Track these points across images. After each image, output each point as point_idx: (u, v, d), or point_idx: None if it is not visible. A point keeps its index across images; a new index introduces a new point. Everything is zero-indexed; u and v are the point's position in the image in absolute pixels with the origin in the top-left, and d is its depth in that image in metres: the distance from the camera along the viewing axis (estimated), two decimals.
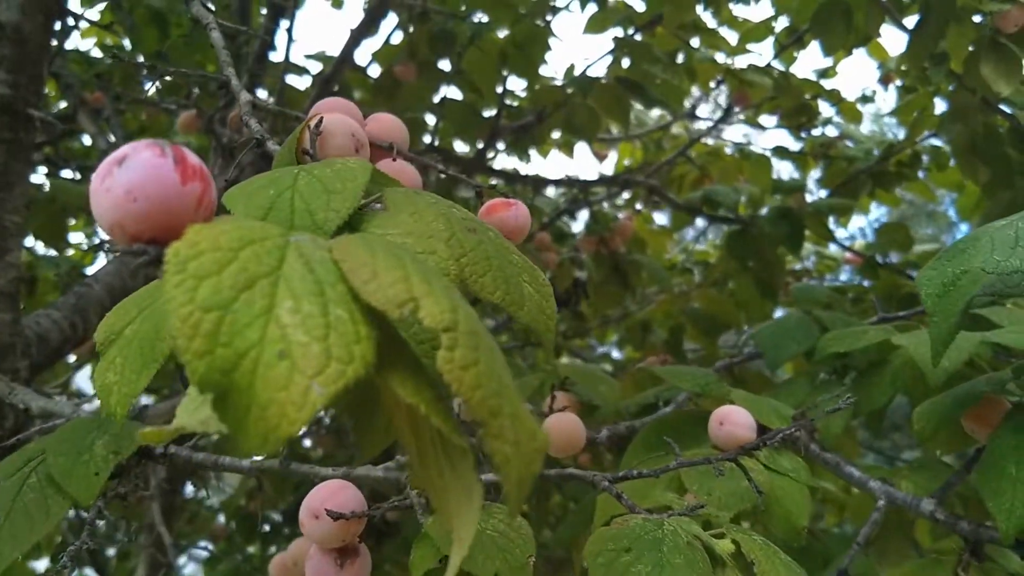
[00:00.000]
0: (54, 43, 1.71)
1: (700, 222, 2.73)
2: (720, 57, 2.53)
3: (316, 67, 2.51)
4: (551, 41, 2.15)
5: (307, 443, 2.92)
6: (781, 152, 2.54)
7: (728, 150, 2.84)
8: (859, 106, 2.70)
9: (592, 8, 2.22)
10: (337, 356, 0.40)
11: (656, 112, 3.26)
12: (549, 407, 1.19)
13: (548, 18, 2.15)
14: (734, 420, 1.03)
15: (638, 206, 2.74)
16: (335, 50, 2.39)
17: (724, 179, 2.55)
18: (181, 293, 0.39)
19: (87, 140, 2.84)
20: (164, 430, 0.44)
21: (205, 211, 0.43)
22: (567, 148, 2.88)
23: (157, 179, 0.42)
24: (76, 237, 2.84)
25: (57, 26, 1.67)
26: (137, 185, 0.41)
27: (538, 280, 0.61)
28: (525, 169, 2.92)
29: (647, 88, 1.98)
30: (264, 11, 2.45)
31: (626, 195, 2.86)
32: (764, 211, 2.22)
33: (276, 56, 2.30)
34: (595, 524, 0.96)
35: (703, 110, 2.71)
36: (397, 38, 2.44)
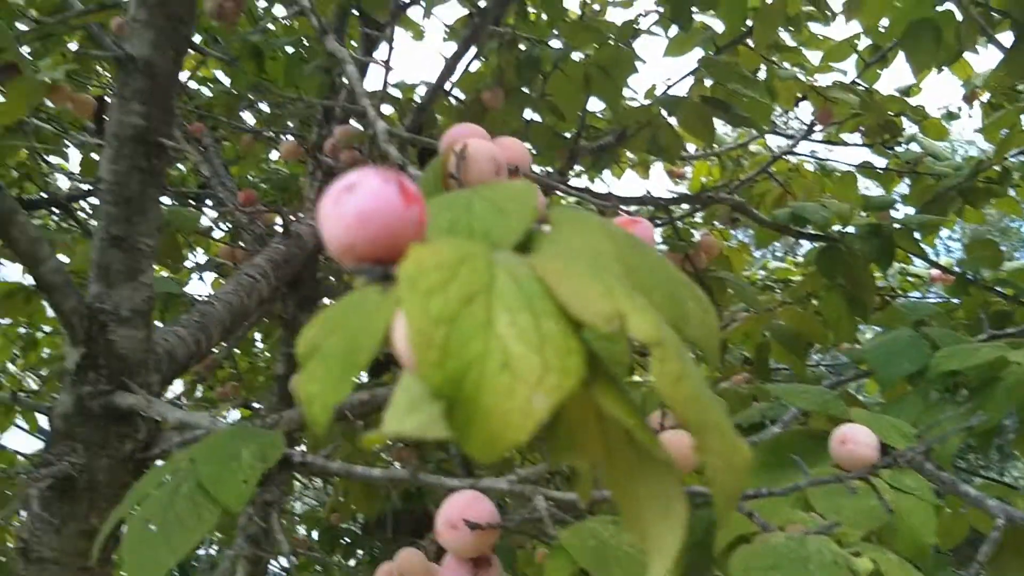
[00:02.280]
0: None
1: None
2: (800, 75, 2.54)
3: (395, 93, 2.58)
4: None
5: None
6: (867, 169, 2.52)
7: (809, 167, 2.83)
8: (944, 123, 2.68)
9: (674, 30, 2.24)
10: (554, 368, 0.43)
11: (728, 128, 3.26)
12: (660, 424, 1.21)
13: (631, 41, 2.18)
14: (857, 439, 1.03)
15: (716, 224, 2.74)
16: (414, 78, 2.45)
17: (806, 196, 2.54)
18: (415, 308, 0.43)
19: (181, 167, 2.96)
20: (382, 434, 0.48)
21: (421, 231, 0.47)
22: (642, 168, 2.90)
23: (385, 204, 0.45)
24: None
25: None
26: (367, 210, 0.45)
27: (697, 295, 0.63)
28: (599, 188, 2.96)
29: (733, 107, 1.99)
30: (355, 44, 2.54)
31: (701, 213, 2.86)
32: (851, 228, 2.20)
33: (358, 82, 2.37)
34: (719, 542, 0.98)
35: (781, 126, 2.71)
36: (475, 65, 2.50)
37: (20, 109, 1.67)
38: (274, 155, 3.21)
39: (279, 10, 2.94)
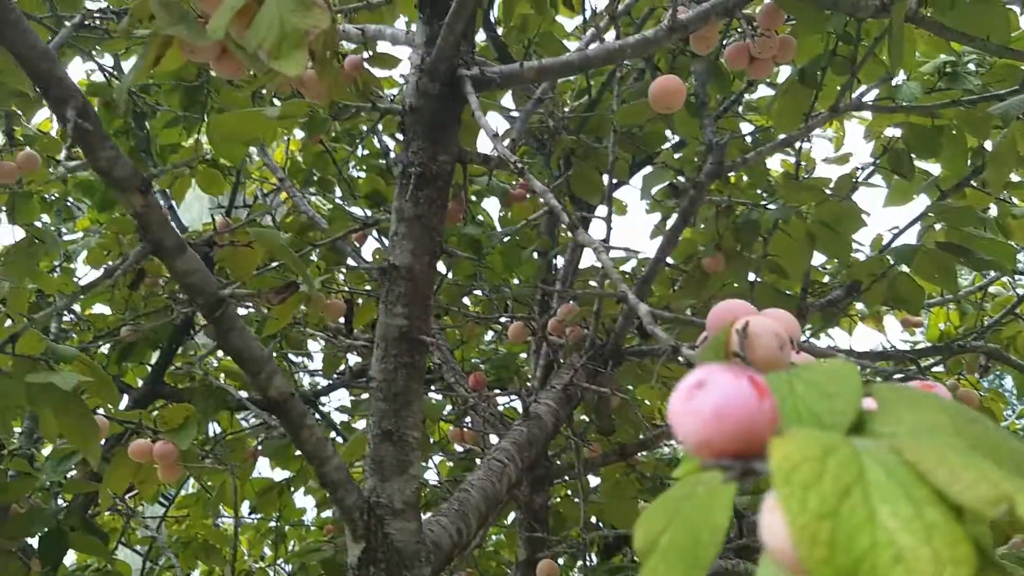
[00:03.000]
0: None
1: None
2: None
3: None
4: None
5: None
6: None
7: None
8: None
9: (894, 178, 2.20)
10: (946, 558, 0.41)
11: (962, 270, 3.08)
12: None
13: (850, 194, 2.16)
14: None
15: (963, 373, 2.55)
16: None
17: None
18: (794, 504, 0.42)
19: None
20: None
21: (775, 423, 0.47)
22: (875, 320, 2.78)
23: (739, 398, 0.46)
24: None
25: None
26: (723, 406, 0.46)
27: None
28: (827, 344, 2.85)
29: (973, 251, 1.89)
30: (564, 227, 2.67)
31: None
32: None
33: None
34: None
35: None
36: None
37: (287, 317, 1.87)
38: (489, 335, 3.37)
39: (490, 204, 3.17)
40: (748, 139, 2.35)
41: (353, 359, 3.09)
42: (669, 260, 2.51)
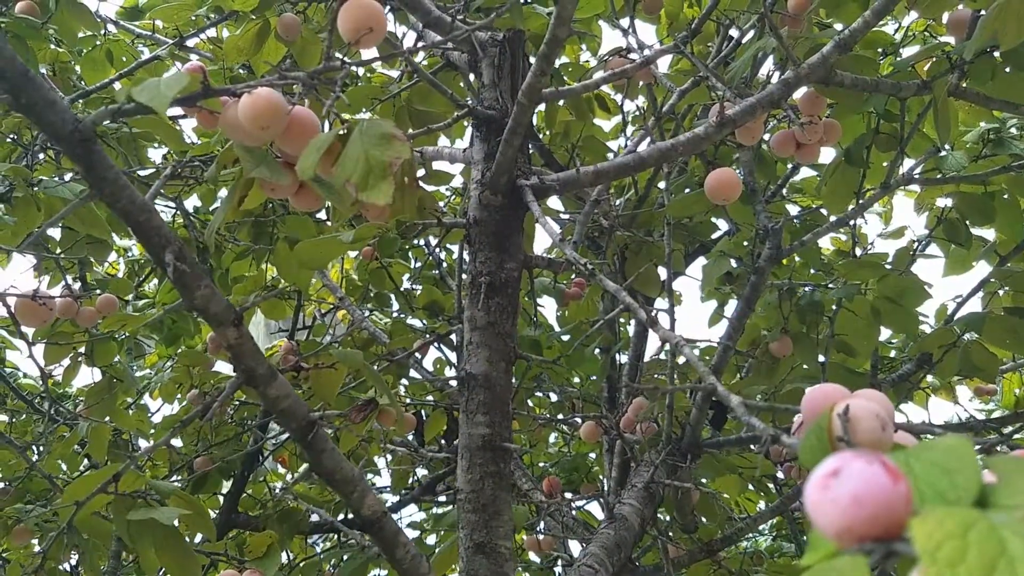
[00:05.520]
0: None
1: None
2: None
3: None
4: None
5: None
6: None
7: None
8: None
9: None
10: None
11: None
12: None
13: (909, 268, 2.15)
14: None
15: None
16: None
17: None
18: None
19: None
20: None
21: (911, 504, 0.48)
22: (947, 392, 2.73)
23: (876, 484, 0.47)
24: None
25: None
26: (861, 493, 0.47)
27: None
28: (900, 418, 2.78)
29: None
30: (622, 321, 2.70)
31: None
32: None
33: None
34: None
35: None
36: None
37: (361, 430, 1.89)
38: (552, 436, 3.35)
39: (545, 302, 3.21)
40: (796, 221, 2.37)
41: (421, 472, 3.09)
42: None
